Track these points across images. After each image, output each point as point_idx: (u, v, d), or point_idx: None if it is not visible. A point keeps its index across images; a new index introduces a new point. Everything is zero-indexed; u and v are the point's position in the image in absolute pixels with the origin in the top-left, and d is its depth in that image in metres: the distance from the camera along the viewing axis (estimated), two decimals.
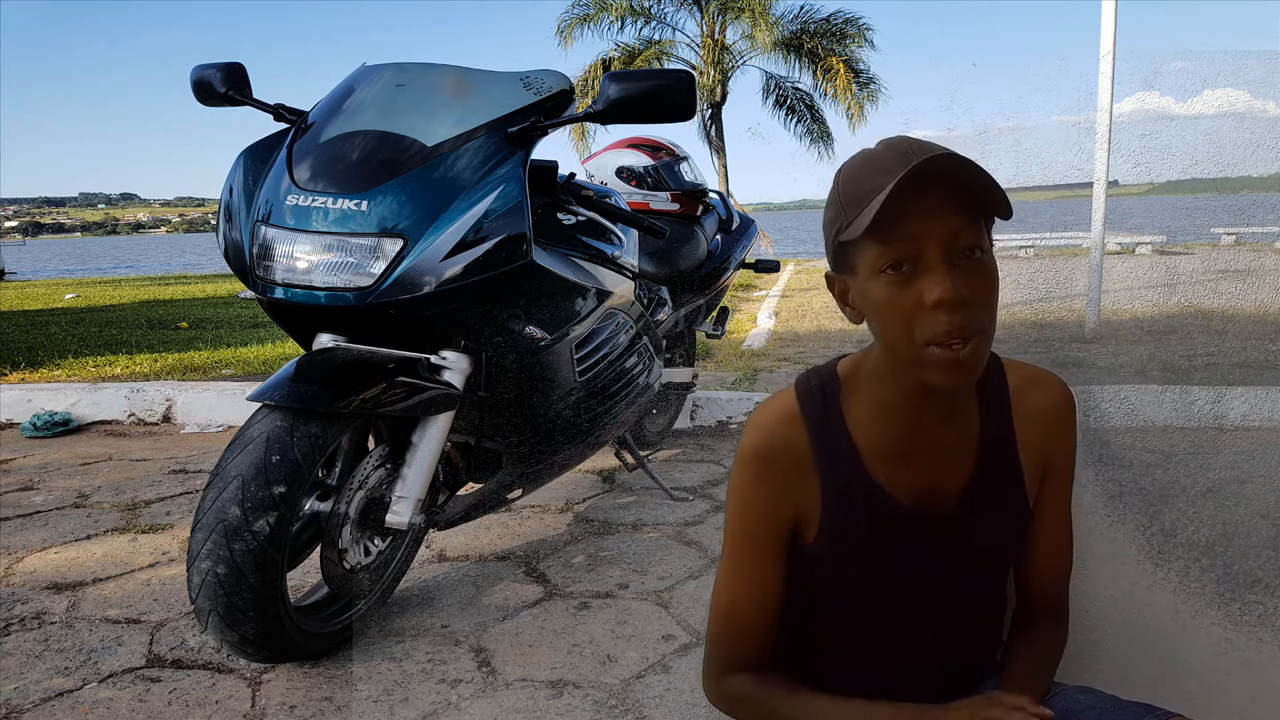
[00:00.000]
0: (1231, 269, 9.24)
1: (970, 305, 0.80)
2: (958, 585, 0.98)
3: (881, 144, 0.85)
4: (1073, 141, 4.76)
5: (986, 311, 0.82)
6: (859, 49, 20.89)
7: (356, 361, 1.70)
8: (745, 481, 0.95)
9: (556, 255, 1.96)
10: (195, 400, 3.87)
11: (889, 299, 0.82)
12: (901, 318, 0.82)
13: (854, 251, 0.85)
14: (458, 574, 2.20)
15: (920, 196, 0.79)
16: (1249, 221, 14.02)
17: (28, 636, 1.87)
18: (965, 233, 0.80)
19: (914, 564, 0.96)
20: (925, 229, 0.79)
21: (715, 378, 4.24)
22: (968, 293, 0.80)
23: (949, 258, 0.80)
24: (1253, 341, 4.37)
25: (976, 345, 0.81)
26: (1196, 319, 5.45)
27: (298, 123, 1.87)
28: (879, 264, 0.82)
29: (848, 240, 0.83)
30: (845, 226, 0.84)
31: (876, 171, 0.82)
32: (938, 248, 0.80)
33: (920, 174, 0.78)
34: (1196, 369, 3.96)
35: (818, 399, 0.94)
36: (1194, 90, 3.26)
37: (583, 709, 1.58)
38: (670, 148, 3.16)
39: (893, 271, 0.81)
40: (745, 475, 0.95)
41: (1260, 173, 3.48)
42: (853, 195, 0.84)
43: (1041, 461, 0.98)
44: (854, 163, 0.86)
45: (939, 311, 0.80)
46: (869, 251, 0.82)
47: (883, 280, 0.82)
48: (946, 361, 0.81)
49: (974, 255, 0.81)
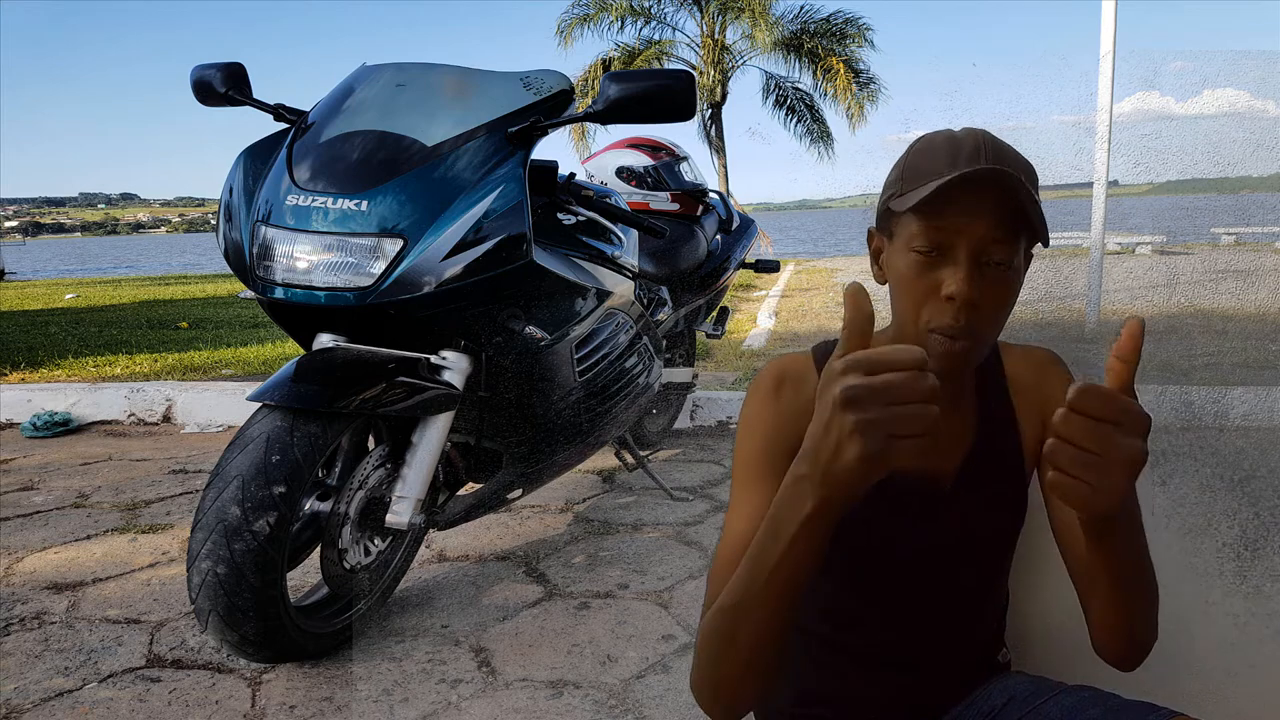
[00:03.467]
0: (1231, 269, 9.24)
1: (980, 310, 0.84)
2: (954, 569, 0.98)
3: (964, 131, 0.88)
4: (1073, 141, 4.76)
5: (993, 321, 0.86)
6: (859, 49, 20.93)
7: (356, 361, 1.70)
8: (757, 402, 0.96)
9: (556, 255, 1.96)
10: (195, 400, 3.87)
11: (911, 277, 0.85)
12: (915, 297, 0.85)
13: (898, 221, 0.88)
14: (458, 574, 2.20)
15: (971, 196, 0.82)
16: (1249, 221, 14.03)
17: (28, 636, 1.87)
18: (999, 246, 0.83)
19: (910, 542, 0.96)
20: (965, 227, 0.83)
21: (715, 378, 4.24)
22: (981, 298, 0.83)
23: (977, 260, 0.83)
24: (1253, 341, 4.36)
25: (972, 346, 0.85)
26: (1196, 319, 5.45)
27: (298, 123, 1.87)
28: (913, 242, 0.85)
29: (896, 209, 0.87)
30: (898, 195, 0.87)
31: (944, 157, 0.85)
32: (969, 247, 0.83)
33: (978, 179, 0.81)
34: (1196, 369, 3.96)
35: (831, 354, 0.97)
36: (1194, 90, 3.27)
37: (583, 709, 1.58)
38: (670, 148, 3.16)
39: (922, 253, 0.85)
40: (757, 395, 0.96)
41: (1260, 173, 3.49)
42: (915, 169, 0.87)
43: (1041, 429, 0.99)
44: (931, 139, 0.89)
45: (949, 304, 0.83)
46: (910, 226, 0.86)
47: (912, 258, 0.85)
48: (942, 350, 0.84)
49: (1001, 268, 0.84)
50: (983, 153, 0.83)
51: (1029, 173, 0.86)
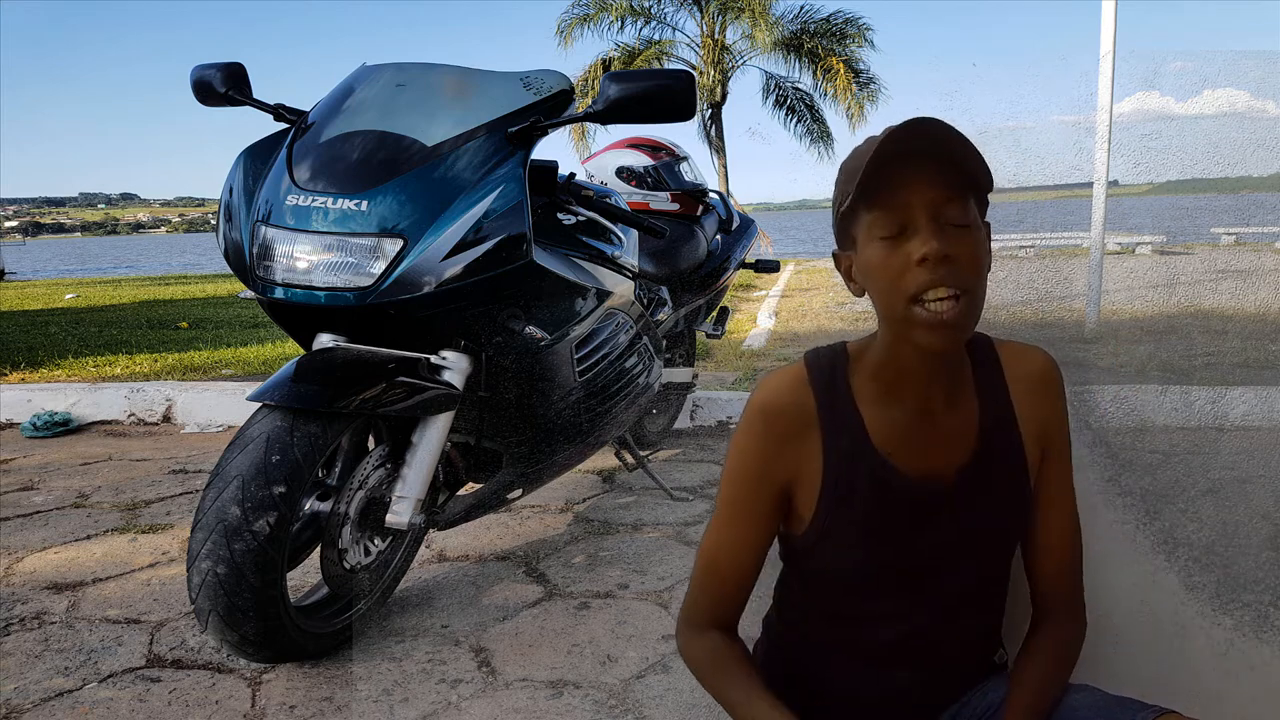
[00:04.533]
0: (1231, 269, 9.23)
1: (956, 264, 0.84)
2: (956, 570, 0.98)
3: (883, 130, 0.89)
4: (1073, 141, 4.76)
5: (973, 274, 0.86)
6: (859, 49, 20.92)
7: (356, 361, 1.70)
8: (748, 434, 0.97)
9: (556, 255, 1.96)
10: (195, 400, 3.87)
11: (881, 261, 0.87)
12: (890, 277, 0.86)
13: (854, 225, 0.90)
14: (458, 574, 2.20)
15: (909, 169, 0.84)
16: (1249, 221, 14.02)
17: (28, 636, 1.87)
18: (952, 206, 0.85)
19: (913, 543, 0.96)
20: (913, 197, 0.85)
21: (715, 378, 4.24)
22: (953, 252, 0.84)
23: (937, 222, 0.85)
24: (1253, 341, 4.36)
25: (962, 305, 0.85)
26: (1196, 319, 5.45)
27: (298, 123, 1.87)
28: (874, 232, 0.87)
29: (847, 215, 0.90)
30: (844, 201, 0.89)
31: (866, 149, 0.88)
32: (925, 212, 0.85)
33: (903, 139, 0.83)
34: (1196, 369, 3.96)
35: (826, 370, 0.97)
36: (1194, 90, 3.26)
37: (583, 709, 1.58)
38: (670, 148, 3.16)
39: (886, 237, 0.86)
40: (749, 428, 0.97)
41: (1260, 173, 3.48)
42: (849, 170, 0.90)
43: (1039, 433, 0.99)
44: (856, 148, 0.92)
45: (923, 268, 0.84)
46: (865, 220, 0.88)
47: (877, 246, 0.87)
48: (932, 321, 0.85)
49: (963, 230, 0.86)
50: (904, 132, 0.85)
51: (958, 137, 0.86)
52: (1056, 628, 1.02)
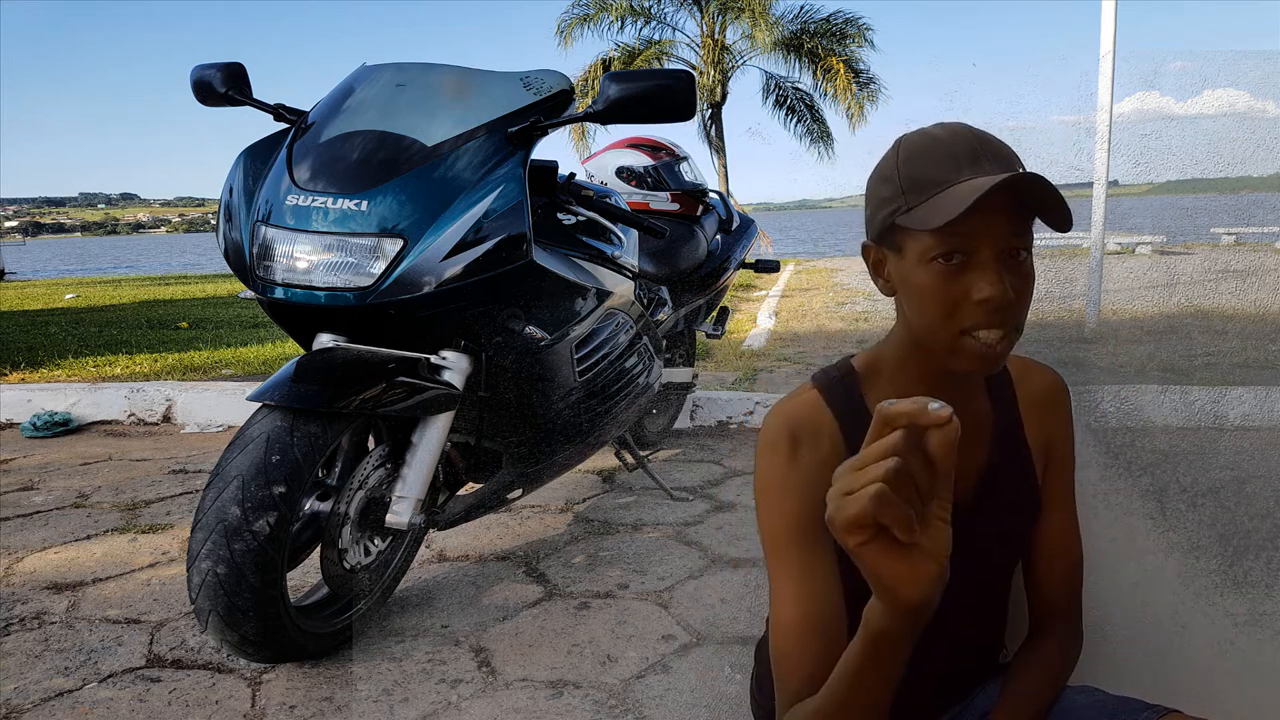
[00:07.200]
0: (1231, 269, 9.23)
1: (1014, 306, 0.83)
2: (964, 576, 0.98)
3: (945, 130, 0.85)
4: (1073, 141, 4.76)
5: (1022, 310, 0.85)
6: (859, 49, 20.93)
7: (356, 361, 1.70)
8: (776, 468, 0.89)
9: (557, 255, 1.96)
10: (195, 400, 3.87)
11: (936, 287, 0.83)
12: (944, 307, 0.83)
13: (905, 234, 0.85)
14: (458, 574, 2.20)
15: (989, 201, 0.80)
16: (1249, 221, 14.02)
17: (28, 636, 1.87)
18: (1019, 239, 0.82)
19: None
20: (983, 228, 0.80)
21: (715, 378, 4.24)
22: (1013, 294, 0.82)
23: (1000, 258, 0.82)
24: (1253, 341, 4.36)
25: (1009, 341, 0.84)
26: (1196, 319, 5.45)
27: (298, 123, 1.87)
28: (930, 252, 0.83)
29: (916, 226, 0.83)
30: (904, 210, 0.84)
31: (943, 162, 0.83)
32: (991, 247, 0.81)
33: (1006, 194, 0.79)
34: (1196, 369, 3.96)
35: (838, 388, 0.94)
36: (1194, 90, 3.26)
37: (583, 709, 1.58)
38: (670, 148, 3.16)
39: (943, 261, 0.82)
40: (776, 461, 0.89)
41: (1260, 173, 3.48)
42: (915, 181, 0.84)
43: (1044, 447, 1.00)
44: (917, 145, 0.86)
45: (983, 306, 0.81)
46: (922, 238, 0.83)
47: (933, 268, 0.83)
48: (980, 352, 0.83)
49: (1020, 256, 0.83)
50: (982, 155, 0.82)
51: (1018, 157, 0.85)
52: (1050, 642, 1.01)
